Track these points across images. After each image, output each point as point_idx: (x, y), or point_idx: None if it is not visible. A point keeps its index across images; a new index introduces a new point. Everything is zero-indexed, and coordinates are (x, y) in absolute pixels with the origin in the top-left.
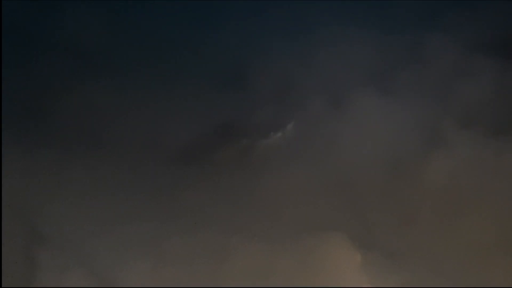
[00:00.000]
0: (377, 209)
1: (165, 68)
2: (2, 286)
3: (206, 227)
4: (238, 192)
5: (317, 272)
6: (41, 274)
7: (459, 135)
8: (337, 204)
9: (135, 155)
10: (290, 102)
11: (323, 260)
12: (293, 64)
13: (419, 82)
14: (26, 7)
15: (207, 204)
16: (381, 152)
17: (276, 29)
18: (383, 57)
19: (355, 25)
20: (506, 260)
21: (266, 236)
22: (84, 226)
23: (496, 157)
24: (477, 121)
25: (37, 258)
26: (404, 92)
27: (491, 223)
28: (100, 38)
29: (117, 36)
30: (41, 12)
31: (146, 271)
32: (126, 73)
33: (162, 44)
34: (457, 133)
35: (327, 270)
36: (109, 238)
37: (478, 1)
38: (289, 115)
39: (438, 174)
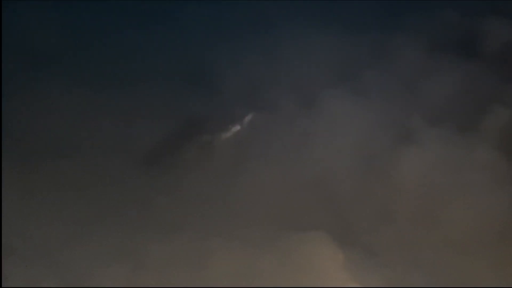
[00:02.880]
0: (353, 207)
1: (123, 68)
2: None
3: (182, 231)
4: (210, 193)
5: (300, 272)
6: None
7: (429, 132)
8: (313, 202)
9: (100, 159)
10: (254, 97)
11: (306, 260)
12: (257, 61)
13: (385, 81)
14: None
15: (180, 208)
16: (352, 149)
17: (239, 26)
18: (348, 56)
19: (317, 24)
20: (485, 253)
21: (244, 238)
22: (53, 235)
23: (466, 152)
24: (446, 118)
25: (5, 271)
26: (371, 91)
27: (467, 218)
28: (56, 37)
29: (75, 35)
30: None
31: (122, 279)
32: (83, 74)
33: (120, 43)
34: (426, 130)
35: (310, 270)
36: (81, 247)
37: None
38: (252, 110)
39: (411, 171)
